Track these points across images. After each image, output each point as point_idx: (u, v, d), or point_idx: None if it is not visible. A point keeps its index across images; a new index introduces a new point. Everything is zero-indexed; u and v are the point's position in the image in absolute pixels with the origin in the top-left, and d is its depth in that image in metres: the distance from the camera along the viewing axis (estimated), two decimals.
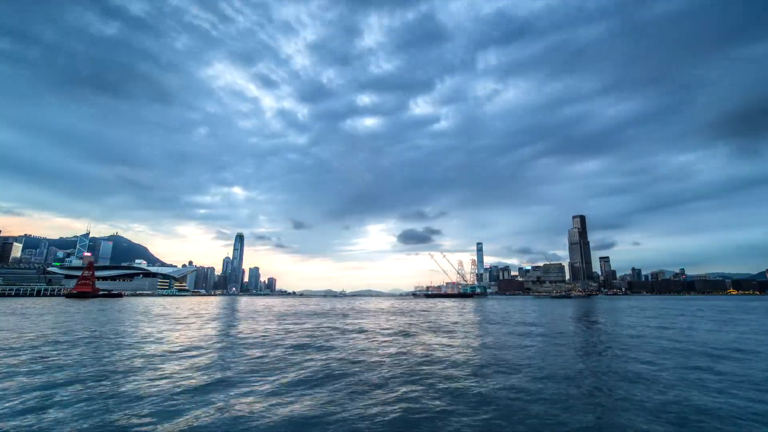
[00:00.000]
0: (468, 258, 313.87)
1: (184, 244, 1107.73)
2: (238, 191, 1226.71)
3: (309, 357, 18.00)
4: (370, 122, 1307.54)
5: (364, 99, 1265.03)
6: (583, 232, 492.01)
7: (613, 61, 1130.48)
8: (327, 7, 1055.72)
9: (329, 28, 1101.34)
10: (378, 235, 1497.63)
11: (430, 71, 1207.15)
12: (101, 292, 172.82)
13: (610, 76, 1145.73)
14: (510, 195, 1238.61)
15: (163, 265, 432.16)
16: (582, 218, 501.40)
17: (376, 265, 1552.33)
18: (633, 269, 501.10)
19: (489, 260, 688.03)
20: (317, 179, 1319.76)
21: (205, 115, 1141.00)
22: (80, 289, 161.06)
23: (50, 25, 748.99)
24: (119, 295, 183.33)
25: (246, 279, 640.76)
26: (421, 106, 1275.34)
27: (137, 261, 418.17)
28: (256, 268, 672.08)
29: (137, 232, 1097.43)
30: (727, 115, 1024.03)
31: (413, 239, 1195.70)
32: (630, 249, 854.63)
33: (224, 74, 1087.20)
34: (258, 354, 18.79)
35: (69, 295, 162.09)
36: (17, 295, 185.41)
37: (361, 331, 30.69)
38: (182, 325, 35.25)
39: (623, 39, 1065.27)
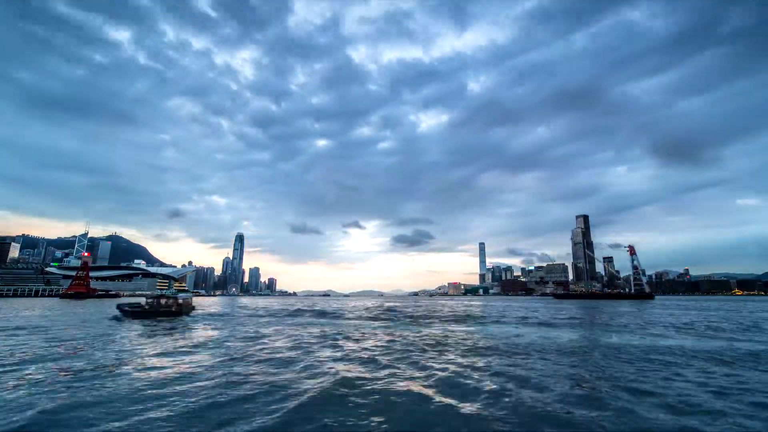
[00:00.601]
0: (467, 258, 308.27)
1: (178, 246, 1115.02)
2: (218, 199, 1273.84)
3: None
4: (322, 143, 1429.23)
5: (313, 125, 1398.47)
6: (586, 232, 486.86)
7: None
8: (259, 57, 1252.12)
9: (264, 70, 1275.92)
10: (360, 237, 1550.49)
11: (364, 102, 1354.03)
12: (98, 293, 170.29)
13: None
14: (476, 200, 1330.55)
15: (163, 265, 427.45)
16: (585, 218, 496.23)
17: (374, 266, 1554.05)
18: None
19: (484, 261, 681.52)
20: (290, 189, 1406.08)
21: (174, 136, 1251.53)
22: (75, 290, 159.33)
23: (27, 69, 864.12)
24: (116, 296, 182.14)
25: (246, 279, 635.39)
26: (364, 130, 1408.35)
27: (136, 261, 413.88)
28: (257, 269, 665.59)
29: (130, 235, 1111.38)
30: None
31: (404, 241, 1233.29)
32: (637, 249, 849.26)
33: (184, 105, 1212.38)
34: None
35: (64, 296, 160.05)
36: (15, 295, 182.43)
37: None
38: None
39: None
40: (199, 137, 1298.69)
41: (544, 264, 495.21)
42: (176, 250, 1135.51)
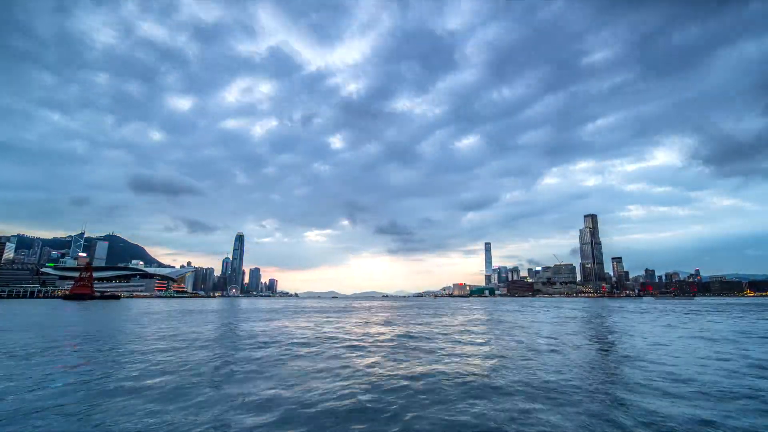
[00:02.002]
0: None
1: (174, 246, 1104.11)
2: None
3: None
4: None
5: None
6: (594, 232, 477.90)
7: None
8: None
9: None
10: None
11: None
12: (96, 294, 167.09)
13: None
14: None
15: (161, 265, 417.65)
16: (593, 217, 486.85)
17: (378, 267, 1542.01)
18: (646, 270, 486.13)
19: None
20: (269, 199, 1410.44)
21: None
22: (78, 291, 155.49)
23: None
24: (116, 297, 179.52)
25: (246, 280, 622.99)
26: None
27: (134, 261, 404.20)
28: (257, 269, 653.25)
29: (128, 235, 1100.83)
30: None
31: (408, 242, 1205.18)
32: (644, 249, 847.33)
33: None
34: None
35: (66, 297, 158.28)
36: (9, 296, 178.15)
37: None
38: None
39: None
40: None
41: (552, 265, 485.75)
42: (179, 248, 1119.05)
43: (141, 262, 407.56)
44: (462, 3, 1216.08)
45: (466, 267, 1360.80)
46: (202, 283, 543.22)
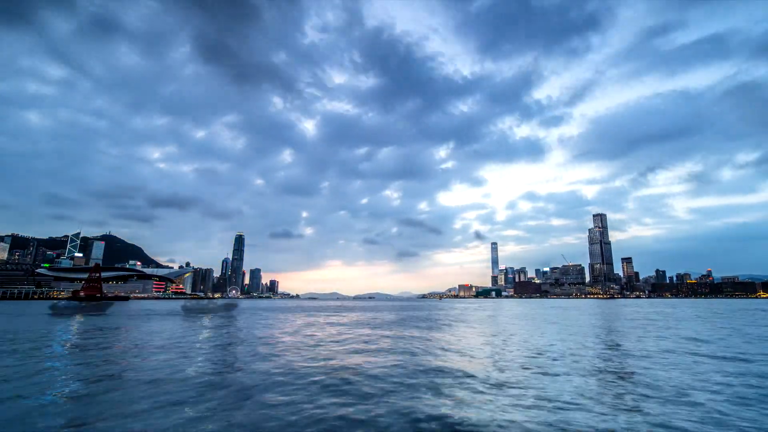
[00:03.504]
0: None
1: (174, 245, 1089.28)
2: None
3: None
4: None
5: None
6: (604, 232, 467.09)
7: None
8: None
9: None
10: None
11: None
12: (106, 295, 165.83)
13: None
14: None
15: (159, 266, 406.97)
16: (602, 216, 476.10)
17: (380, 266, 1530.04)
18: (657, 271, 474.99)
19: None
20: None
21: None
22: (89, 293, 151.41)
23: None
24: (125, 299, 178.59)
25: (247, 281, 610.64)
26: None
27: (131, 262, 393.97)
28: (258, 270, 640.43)
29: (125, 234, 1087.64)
30: None
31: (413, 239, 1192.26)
32: (655, 250, 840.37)
33: None
34: None
35: (73, 299, 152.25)
36: (3, 298, 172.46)
37: None
38: None
39: None
40: None
41: (560, 265, 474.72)
42: (180, 248, 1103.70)
43: (138, 263, 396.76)
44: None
45: (473, 268, 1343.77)
46: (202, 284, 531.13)
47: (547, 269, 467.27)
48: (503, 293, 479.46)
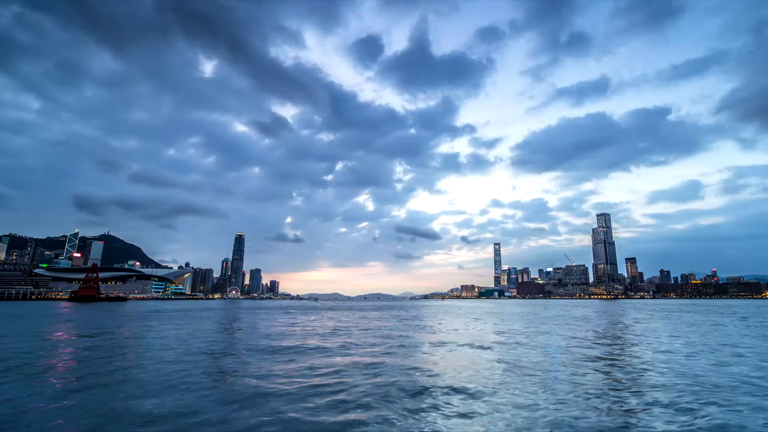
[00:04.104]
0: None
1: (174, 245, 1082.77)
2: None
3: None
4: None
5: None
6: (607, 232, 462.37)
7: None
8: None
9: None
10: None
11: None
12: (103, 295, 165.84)
13: None
14: None
15: (158, 266, 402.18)
16: (606, 216, 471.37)
17: (383, 269, 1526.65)
18: (661, 271, 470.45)
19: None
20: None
21: None
22: (86, 293, 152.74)
23: None
24: (124, 299, 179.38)
25: (247, 282, 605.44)
26: None
27: (130, 262, 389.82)
28: (258, 270, 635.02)
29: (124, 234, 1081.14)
30: None
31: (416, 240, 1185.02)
32: (659, 249, 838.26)
33: None
34: None
35: (72, 299, 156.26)
36: (0, 299, 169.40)
37: None
38: None
39: None
40: None
41: (563, 266, 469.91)
42: (180, 247, 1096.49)
43: (137, 263, 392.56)
44: None
45: (475, 268, 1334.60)
46: (201, 285, 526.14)
47: (550, 269, 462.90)
48: (506, 294, 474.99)
